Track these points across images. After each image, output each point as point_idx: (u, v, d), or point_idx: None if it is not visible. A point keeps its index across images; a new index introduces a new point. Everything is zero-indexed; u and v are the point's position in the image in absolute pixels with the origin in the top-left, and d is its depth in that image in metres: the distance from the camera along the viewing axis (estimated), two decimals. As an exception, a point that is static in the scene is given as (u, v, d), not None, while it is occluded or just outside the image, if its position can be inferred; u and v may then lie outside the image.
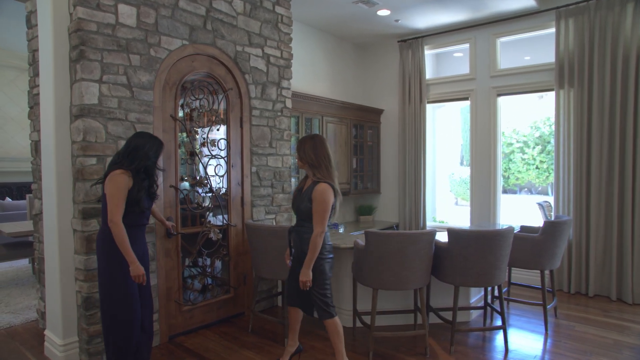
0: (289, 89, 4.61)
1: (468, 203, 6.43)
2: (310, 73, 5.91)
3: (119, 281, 2.60)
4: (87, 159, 2.99)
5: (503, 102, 5.74)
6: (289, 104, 4.61)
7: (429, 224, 6.46)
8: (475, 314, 4.15)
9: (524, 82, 5.43)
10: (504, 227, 3.65)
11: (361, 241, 3.51)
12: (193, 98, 3.74)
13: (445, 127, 7.10)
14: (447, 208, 6.98)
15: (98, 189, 3.01)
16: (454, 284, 3.37)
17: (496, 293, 4.29)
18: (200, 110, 3.78)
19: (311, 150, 2.84)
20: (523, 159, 15.01)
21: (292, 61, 4.66)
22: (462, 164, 15.17)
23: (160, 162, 2.85)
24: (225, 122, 3.96)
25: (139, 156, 2.65)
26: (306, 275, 2.76)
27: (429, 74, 6.34)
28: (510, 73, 5.53)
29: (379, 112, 6.72)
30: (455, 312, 3.39)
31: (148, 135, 2.78)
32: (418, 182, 6.25)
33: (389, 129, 6.74)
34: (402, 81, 6.35)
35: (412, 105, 6.24)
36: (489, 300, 4.03)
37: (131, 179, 2.60)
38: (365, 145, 6.48)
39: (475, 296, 4.21)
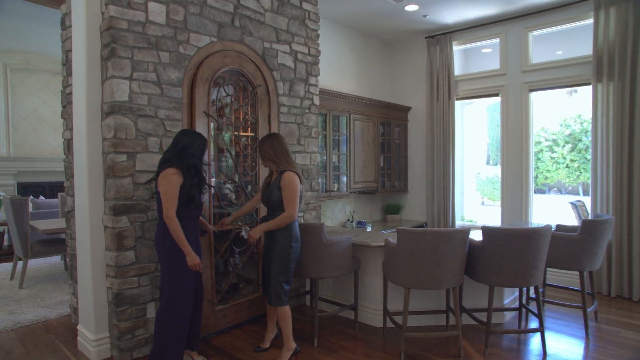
0: (316, 85, 4.56)
1: (494, 203, 6.30)
2: (337, 70, 5.85)
3: (177, 270, 2.79)
4: (117, 155, 3.01)
5: (535, 98, 5.55)
6: (316, 101, 4.56)
7: (458, 223, 6.31)
8: (509, 316, 4.01)
9: (557, 76, 5.24)
10: (541, 225, 3.51)
11: (393, 239, 3.43)
12: (224, 94, 3.73)
13: (472, 126, 6.92)
14: (473, 207, 6.80)
15: (146, 183, 3.11)
16: (489, 284, 3.25)
17: (532, 294, 4.14)
18: (232, 107, 3.75)
19: (270, 148, 3.12)
20: (552, 158, 14.58)
21: (319, 58, 4.62)
22: (488, 163, 14.86)
23: (206, 158, 3.05)
24: (255, 118, 3.93)
25: (187, 155, 2.80)
26: (256, 234, 3.14)
27: (457, 70, 6.19)
28: (543, 67, 5.35)
29: (406, 109, 6.61)
30: (490, 313, 3.27)
31: (192, 133, 2.91)
32: (447, 181, 6.11)
33: (417, 126, 6.62)
34: (430, 78, 6.23)
35: (441, 102, 6.11)
36: (524, 301, 3.89)
37: (181, 177, 2.75)
38: (392, 143, 6.38)
39: (509, 297, 4.07)
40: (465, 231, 3.13)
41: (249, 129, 3.97)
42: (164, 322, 2.79)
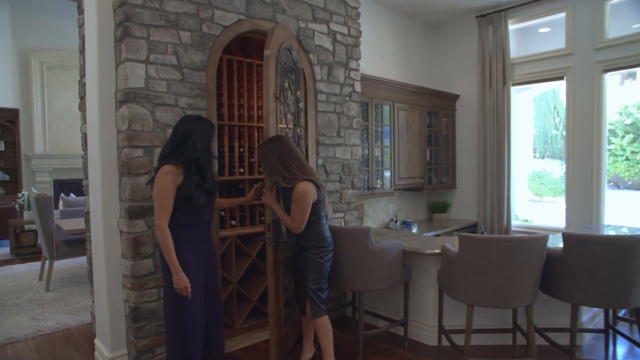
0: (357, 70, 4.06)
1: (542, 199, 5.65)
2: (377, 54, 5.31)
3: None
4: (133, 150, 2.62)
5: (610, 80, 4.83)
6: (358, 87, 4.06)
7: (514, 223, 5.65)
8: (588, 337, 3.39)
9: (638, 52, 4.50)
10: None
11: (451, 246, 2.90)
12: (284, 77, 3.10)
13: (518, 116, 6.19)
14: (523, 205, 6.11)
15: (147, 184, 2.63)
16: (573, 302, 2.66)
17: (620, 313, 3.49)
18: (289, 91, 3.19)
19: (277, 161, 2.62)
20: (609, 150, 13.42)
21: (360, 39, 4.11)
22: (535, 156, 13.91)
23: (215, 149, 2.51)
24: (304, 107, 3.45)
25: (188, 147, 2.31)
26: (267, 199, 2.74)
27: (512, 52, 5.51)
28: (620, 43, 4.61)
29: (454, 97, 5.99)
30: (573, 337, 2.69)
31: (195, 118, 2.42)
32: (501, 176, 5.48)
33: (466, 116, 5.99)
34: (482, 62, 5.59)
35: (494, 89, 5.47)
36: (611, 322, 3.26)
37: (181, 174, 2.27)
38: (439, 135, 5.78)
39: (587, 314, 3.45)
40: (544, 239, 2.56)
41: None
42: (171, 355, 2.36)
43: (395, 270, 3.10)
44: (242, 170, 3.70)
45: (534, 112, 12.02)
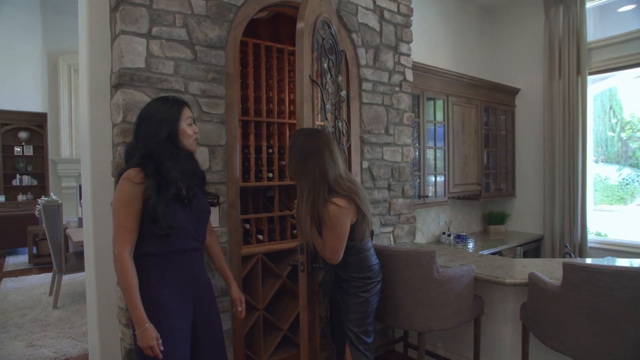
0: (409, 55, 3.38)
1: (607, 208, 4.82)
2: (425, 40, 4.57)
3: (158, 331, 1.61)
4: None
5: None
6: (409, 75, 3.38)
7: (591, 238, 4.78)
8: None
9: None
10: None
11: (544, 276, 2.16)
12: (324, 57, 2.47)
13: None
14: (589, 215, 5.21)
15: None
16: None
17: None
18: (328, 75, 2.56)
19: (300, 164, 1.96)
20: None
21: (412, 19, 3.43)
22: (597, 161, 12.72)
23: (187, 142, 1.76)
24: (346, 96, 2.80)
25: (148, 141, 1.67)
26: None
27: (589, 36, 4.67)
28: None
29: (513, 91, 5.20)
30: None
31: (155, 100, 1.78)
32: (574, 183, 4.63)
33: (527, 113, 5.18)
34: (549, 49, 4.78)
35: (564, 80, 4.65)
36: None
37: (143, 183, 1.62)
38: (498, 135, 5.00)
39: None
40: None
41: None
42: None
43: (465, 304, 2.39)
44: (270, 175, 3.06)
45: (598, 110, 10.92)
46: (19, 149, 8.85)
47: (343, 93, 2.72)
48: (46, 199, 5.78)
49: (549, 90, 4.80)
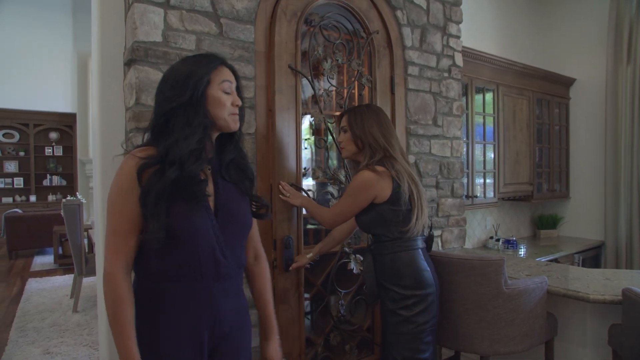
0: (458, 37, 3.00)
1: None
2: (471, 25, 4.12)
3: None
4: (141, 135, 1.74)
5: None
6: (459, 60, 2.99)
7: (660, 245, 4.24)
8: None
9: None
10: None
11: (647, 295, 1.75)
12: (323, 42, 2.31)
13: None
14: None
15: None
16: None
17: None
18: (336, 61, 2.31)
19: (376, 127, 1.78)
20: None
21: (461, -4, 3.05)
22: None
23: (224, 113, 1.23)
24: (371, 82, 2.48)
25: (161, 108, 1.19)
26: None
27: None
28: None
29: (568, 82, 4.71)
30: None
31: (185, 57, 1.30)
32: (641, 183, 4.13)
33: (585, 105, 4.69)
34: (616, 30, 4.26)
35: (632, 67, 4.14)
36: None
37: (145, 167, 1.14)
38: (551, 130, 4.52)
39: None
40: None
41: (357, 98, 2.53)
42: None
43: (537, 323, 2.00)
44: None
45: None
46: (49, 150, 8.88)
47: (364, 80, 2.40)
48: (71, 198, 5.65)
49: (614, 78, 4.29)
